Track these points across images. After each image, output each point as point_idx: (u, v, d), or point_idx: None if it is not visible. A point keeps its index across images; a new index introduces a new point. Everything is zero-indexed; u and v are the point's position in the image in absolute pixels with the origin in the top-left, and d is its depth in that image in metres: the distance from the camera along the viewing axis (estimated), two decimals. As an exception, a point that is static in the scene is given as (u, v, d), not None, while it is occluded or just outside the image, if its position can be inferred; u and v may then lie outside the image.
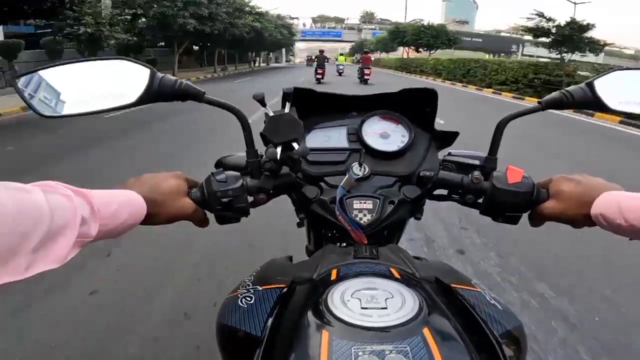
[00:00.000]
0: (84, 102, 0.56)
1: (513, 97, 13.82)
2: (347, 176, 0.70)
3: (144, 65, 0.58)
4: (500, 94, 14.93)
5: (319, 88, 0.82)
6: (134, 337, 1.77)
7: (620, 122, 8.42)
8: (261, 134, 0.64)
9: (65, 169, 4.43)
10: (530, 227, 0.66)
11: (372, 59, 28.29)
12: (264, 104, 0.63)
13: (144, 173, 0.59)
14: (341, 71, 22.42)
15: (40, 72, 0.56)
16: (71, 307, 1.97)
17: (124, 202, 0.49)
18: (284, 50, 70.31)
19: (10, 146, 5.51)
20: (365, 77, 17.19)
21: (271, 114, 0.63)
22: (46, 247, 0.37)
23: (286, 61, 78.82)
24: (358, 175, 0.71)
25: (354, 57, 61.03)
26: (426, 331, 0.42)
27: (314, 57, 21.41)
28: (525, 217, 0.65)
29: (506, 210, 0.64)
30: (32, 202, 0.36)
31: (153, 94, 0.57)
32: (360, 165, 0.72)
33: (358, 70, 18.31)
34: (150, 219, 0.55)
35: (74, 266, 2.11)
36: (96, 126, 6.53)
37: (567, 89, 0.63)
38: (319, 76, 17.66)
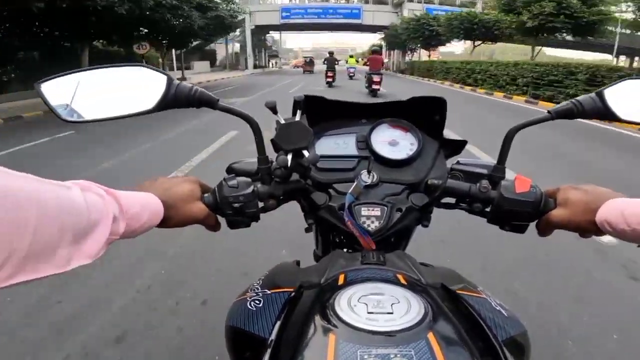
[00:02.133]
0: (103, 108, 0.58)
1: None
2: (355, 183, 0.71)
3: (161, 73, 0.59)
4: None
5: (330, 92, 0.82)
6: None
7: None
8: (272, 141, 0.65)
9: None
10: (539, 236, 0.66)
11: (385, 60, 21.57)
12: (275, 112, 0.64)
13: (159, 177, 0.60)
14: (352, 74, 21.60)
15: (63, 78, 0.58)
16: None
17: (145, 204, 0.51)
18: (232, 47, 41.85)
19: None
20: (374, 86, 12.68)
21: (282, 121, 0.64)
22: (83, 242, 0.39)
23: (259, 67, 45.72)
24: (366, 182, 0.72)
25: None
26: (431, 336, 0.43)
27: (323, 61, 18.35)
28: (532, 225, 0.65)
29: (513, 219, 0.65)
30: (72, 198, 0.38)
31: (170, 101, 0.58)
32: (369, 172, 0.73)
33: (365, 77, 13.64)
34: (165, 222, 0.56)
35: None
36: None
37: (577, 98, 0.63)
38: (330, 79, 17.02)
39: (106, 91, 0.58)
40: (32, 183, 0.35)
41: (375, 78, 12.68)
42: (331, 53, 17.96)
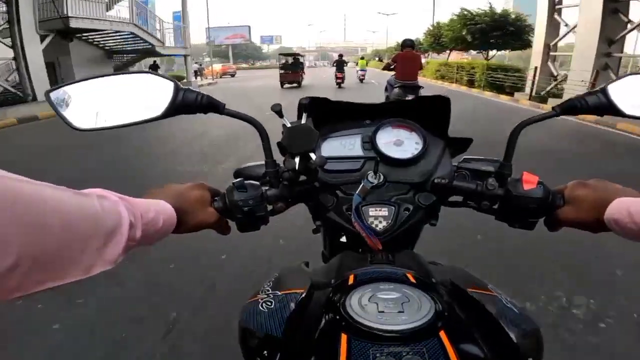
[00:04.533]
0: (112, 116, 0.59)
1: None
2: (362, 184, 0.71)
3: (168, 79, 0.60)
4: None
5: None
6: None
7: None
8: (279, 144, 0.65)
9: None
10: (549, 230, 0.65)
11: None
12: (281, 115, 0.65)
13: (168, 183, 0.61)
14: (362, 77, 20.73)
15: (72, 86, 0.59)
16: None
17: (159, 211, 0.51)
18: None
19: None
20: None
21: (288, 124, 0.64)
22: (104, 249, 0.40)
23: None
24: (373, 183, 0.72)
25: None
26: (442, 334, 0.43)
27: (333, 63, 17.35)
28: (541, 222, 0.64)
29: (522, 216, 0.65)
30: (91, 205, 0.39)
31: (177, 107, 0.59)
32: (375, 173, 0.73)
33: (390, 91, 7.30)
34: (178, 228, 0.57)
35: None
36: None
37: (581, 94, 0.63)
38: (339, 80, 17.43)
39: (114, 98, 0.59)
40: (54, 192, 0.35)
41: (412, 96, 5.64)
42: (340, 55, 18.35)
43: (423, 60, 7.53)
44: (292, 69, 18.58)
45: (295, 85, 18.37)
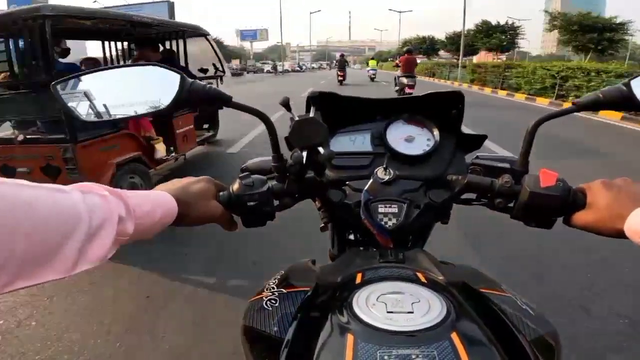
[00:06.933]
0: (118, 107, 0.58)
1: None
2: (371, 180, 0.70)
3: (174, 72, 0.59)
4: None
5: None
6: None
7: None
8: (286, 138, 0.64)
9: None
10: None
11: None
12: (289, 109, 0.63)
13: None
14: (373, 76, 22.58)
15: (78, 78, 0.58)
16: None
17: (157, 203, 0.50)
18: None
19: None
20: (408, 90, 10.87)
21: (296, 118, 0.63)
22: (89, 246, 0.38)
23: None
24: (383, 179, 0.71)
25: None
26: (454, 336, 0.41)
27: (335, 63, 18.15)
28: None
29: (539, 214, 0.61)
30: (71, 202, 0.38)
31: (184, 99, 0.58)
32: (385, 169, 0.71)
33: (396, 82, 11.75)
34: (180, 220, 0.56)
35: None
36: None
37: (603, 89, 0.60)
38: (341, 78, 19.39)
39: (121, 90, 0.59)
40: (24, 190, 0.34)
41: (410, 82, 11.01)
42: (342, 55, 20.38)
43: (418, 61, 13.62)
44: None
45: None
